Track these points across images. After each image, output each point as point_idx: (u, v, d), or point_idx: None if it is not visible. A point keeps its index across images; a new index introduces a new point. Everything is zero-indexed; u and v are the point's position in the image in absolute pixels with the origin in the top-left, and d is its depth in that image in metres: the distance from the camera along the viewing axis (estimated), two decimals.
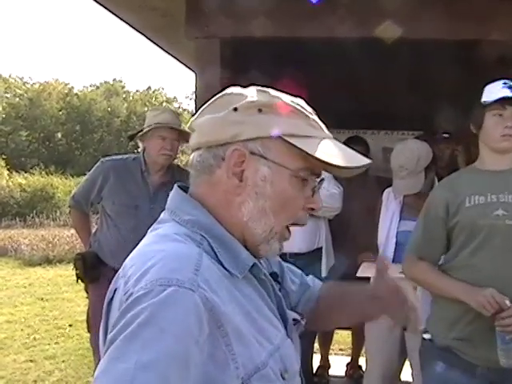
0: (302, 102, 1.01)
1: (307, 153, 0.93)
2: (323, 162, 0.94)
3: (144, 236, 1.00)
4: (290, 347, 1.01)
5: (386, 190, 2.91)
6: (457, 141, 3.60)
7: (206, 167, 0.97)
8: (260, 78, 3.22)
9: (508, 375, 1.93)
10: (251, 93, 0.98)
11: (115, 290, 0.91)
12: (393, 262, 2.76)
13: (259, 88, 1.00)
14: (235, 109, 0.95)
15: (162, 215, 1.03)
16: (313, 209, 1.02)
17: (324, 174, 1.03)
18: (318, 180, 1.02)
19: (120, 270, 0.94)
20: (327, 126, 1.04)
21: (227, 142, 0.94)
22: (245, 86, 1.02)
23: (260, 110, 0.94)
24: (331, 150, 0.97)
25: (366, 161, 1.03)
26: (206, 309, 0.82)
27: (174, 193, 1.03)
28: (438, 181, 2.79)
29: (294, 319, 1.10)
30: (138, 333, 0.77)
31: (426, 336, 2.15)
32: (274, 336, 0.95)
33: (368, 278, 2.80)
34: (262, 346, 0.91)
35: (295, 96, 1.03)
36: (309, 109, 1.00)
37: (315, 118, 1.01)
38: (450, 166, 3.52)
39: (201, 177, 0.99)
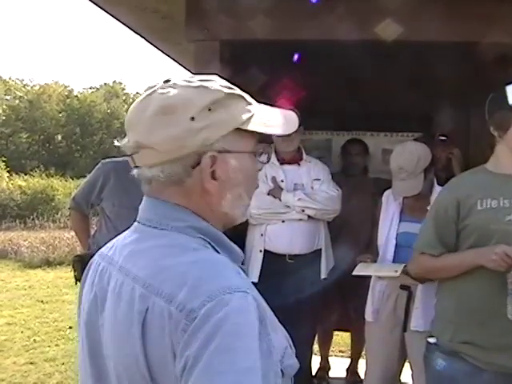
0: (221, 80, 1.04)
1: (260, 132, 1.02)
2: (271, 134, 1.04)
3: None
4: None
5: (386, 192, 2.91)
6: (453, 144, 3.61)
7: (174, 180, 0.97)
8: (259, 79, 3.25)
9: None
10: (186, 94, 0.98)
11: (147, 311, 0.89)
12: (393, 263, 2.77)
13: (187, 83, 1.00)
14: (192, 118, 0.95)
15: (136, 227, 1.04)
16: (259, 169, 1.10)
17: (322, 177, 1.06)
18: (264, 145, 1.11)
19: (140, 289, 0.91)
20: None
21: (195, 151, 0.96)
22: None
23: (210, 109, 0.97)
24: (270, 119, 1.05)
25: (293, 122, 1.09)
26: (256, 306, 0.87)
27: (152, 204, 1.03)
28: (437, 183, 2.79)
29: None
30: (229, 342, 0.81)
31: (431, 340, 2.12)
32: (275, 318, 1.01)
33: (363, 277, 2.81)
34: (280, 329, 0.98)
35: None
36: (235, 87, 1.04)
37: (242, 93, 1.04)
38: (447, 169, 3.53)
39: (169, 188, 0.99)
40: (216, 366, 0.79)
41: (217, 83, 1.01)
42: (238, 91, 1.02)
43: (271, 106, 1.10)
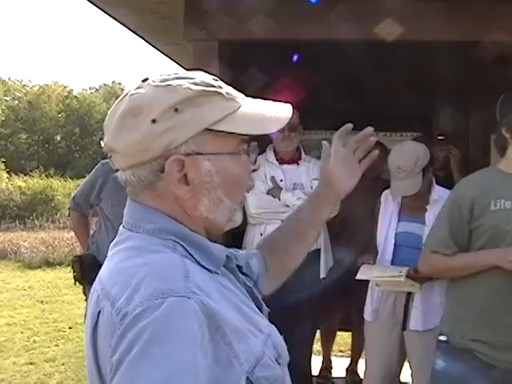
0: (203, 75, 0.97)
1: (236, 133, 0.94)
2: (249, 135, 0.96)
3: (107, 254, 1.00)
4: (277, 333, 1.01)
5: (385, 192, 2.91)
6: (452, 143, 3.62)
7: (145, 184, 0.94)
8: (259, 79, 3.25)
9: None
10: (153, 94, 0.93)
11: (99, 313, 0.88)
12: (392, 262, 2.77)
13: (158, 82, 0.94)
14: (153, 120, 0.90)
15: (120, 230, 1.01)
16: (254, 170, 1.05)
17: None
18: (250, 144, 1.04)
19: (97, 292, 0.92)
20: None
21: (161, 154, 0.91)
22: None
23: (176, 110, 0.90)
24: (254, 117, 0.97)
25: (284, 116, 1.01)
26: (204, 313, 0.81)
27: (131, 206, 1.00)
28: (436, 182, 2.80)
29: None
30: (147, 351, 0.76)
31: (442, 338, 2.12)
32: (262, 324, 0.97)
33: (367, 281, 2.82)
34: (256, 337, 0.92)
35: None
36: (214, 81, 0.97)
37: (224, 88, 0.97)
38: (446, 168, 3.54)
39: (143, 192, 0.96)
40: (131, 374, 0.75)
41: (192, 80, 0.94)
42: (215, 88, 0.95)
43: (266, 99, 1.03)
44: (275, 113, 1.00)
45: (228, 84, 1.00)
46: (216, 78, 0.98)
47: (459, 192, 2.12)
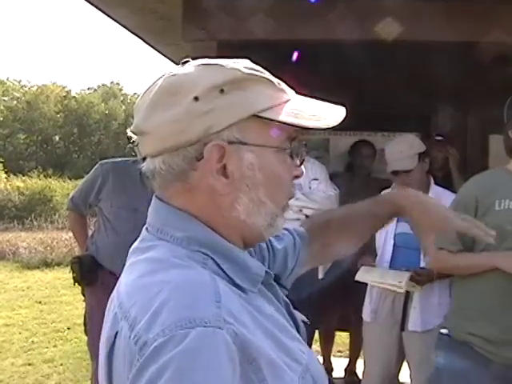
0: (252, 64, 0.86)
1: (287, 123, 0.82)
2: (301, 127, 0.83)
3: (127, 260, 0.86)
4: (315, 360, 0.89)
5: (383, 192, 2.92)
6: (450, 143, 3.62)
7: (176, 173, 0.81)
8: None
9: None
10: (196, 72, 0.82)
11: (116, 335, 0.77)
12: (391, 264, 2.77)
13: (202, 62, 0.84)
14: (196, 98, 0.79)
15: (143, 233, 0.88)
16: (297, 176, 0.90)
17: (320, 176, 1.02)
18: (298, 144, 0.89)
19: (115, 309, 0.80)
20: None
21: (199, 139, 0.79)
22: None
23: (222, 91, 0.79)
24: (307, 110, 0.86)
25: (338, 115, 0.90)
26: (237, 346, 0.69)
27: (156, 206, 0.87)
28: (434, 182, 2.80)
29: (302, 321, 0.99)
30: None
31: (444, 331, 2.13)
32: (300, 354, 0.82)
33: (365, 284, 2.82)
34: (293, 371, 0.78)
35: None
36: (264, 71, 0.87)
37: (275, 79, 0.87)
38: (444, 169, 3.54)
39: (173, 185, 0.83)
40: None
41: (242, 64, 0.84)
42: (265, 75, 0.85)
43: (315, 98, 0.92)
44: (328, 110, 0.89)
45: None
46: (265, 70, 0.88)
47: (465, 191, 2.14)
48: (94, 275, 3.17)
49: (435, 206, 1.23)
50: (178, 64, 0.89)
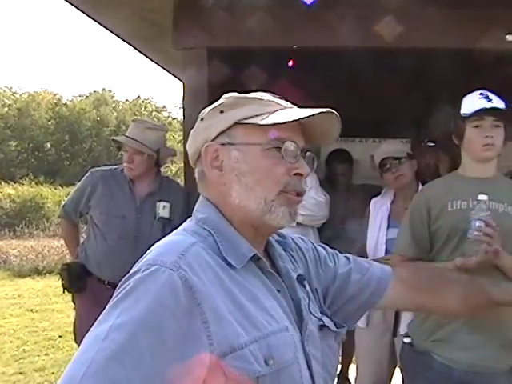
0: (264, 94, 1.12)
1: (259, 124, 1.04)
2: (273, 125, 1.03)
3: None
4: (287, 339, 1.02)
5: (373, 199, 2.94)
6: (442, 150, 3.63)
7: (200, 176, 1.14)
8: (248, 86, 3.25)
9: (485, 379, 1.95)
10: (220, 101, 1.13)
11: None
12: None
13: (232, 94, 1.13)
14: (202, 119, 1.13)
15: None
16: (300, 174, 1.09)
17: (310, 183, 1.07)
18: (297, 147, 1.09)
19: None
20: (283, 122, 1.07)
21: (202, 146, 1.11)
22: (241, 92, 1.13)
23: (222, 112, 1.09)
24: (281, 114, 1.06)
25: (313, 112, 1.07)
26: (186, 287, 0.91)
27: (199, 199, 1.16)
28: None
29: (322, 324, 1.14)
30: (119, 302, 0.91)
31: (406, 340, 2.18)
32: (263, 323, 0.99)
33: None
34: (245, 330, 0.96)
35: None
36: (268, 96, 1.12)
37: (272, 99, 1.11)
38: (436, 175, 3.55)
39: (200, 183, 1.15)
40: (101, 317, 0.92)
41: (251, 94, 1.11)
42: (259, 96, 1.10)
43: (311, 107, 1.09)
44: (302, 111, 1.08)
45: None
46: (279, 97, 1.14)
47: (419, 196, 2.24)
48: (83, 282, 3.16)
49: None
50: (168, 71, 0.96)
